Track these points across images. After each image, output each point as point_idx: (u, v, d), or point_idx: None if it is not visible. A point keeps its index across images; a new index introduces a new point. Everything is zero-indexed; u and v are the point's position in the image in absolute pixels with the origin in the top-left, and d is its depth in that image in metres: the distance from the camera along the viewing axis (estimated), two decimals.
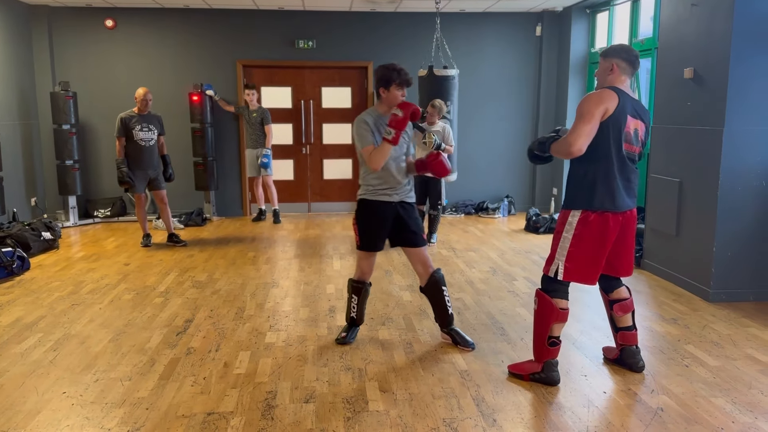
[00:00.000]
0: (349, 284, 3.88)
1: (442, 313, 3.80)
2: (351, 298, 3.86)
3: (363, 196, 3.68)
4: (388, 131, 3.44)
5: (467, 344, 3.76)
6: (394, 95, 3.53)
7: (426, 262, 3.75)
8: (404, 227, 3.68)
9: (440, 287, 3.77)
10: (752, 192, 4.60)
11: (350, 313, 3.87)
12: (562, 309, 3.20)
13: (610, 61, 3.18)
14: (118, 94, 7.98)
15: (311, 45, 8.36)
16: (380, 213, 3.64)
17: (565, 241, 3.16)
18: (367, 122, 3.54)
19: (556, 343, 3.24)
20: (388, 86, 3.52)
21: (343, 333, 3.87)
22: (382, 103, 3.59)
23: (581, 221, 3.13)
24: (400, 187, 3.65)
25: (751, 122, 4.53)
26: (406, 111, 3.43)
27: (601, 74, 3.24)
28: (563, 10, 8.33)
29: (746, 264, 4.65)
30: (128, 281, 5.26)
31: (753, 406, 3.03)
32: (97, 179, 8.37)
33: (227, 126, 8.40)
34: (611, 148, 3.09)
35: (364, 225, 3.69)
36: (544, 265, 3.27)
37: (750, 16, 4.43)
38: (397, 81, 3.50)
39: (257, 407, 3.00)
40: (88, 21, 8.08)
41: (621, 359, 3.48)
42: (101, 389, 3.19)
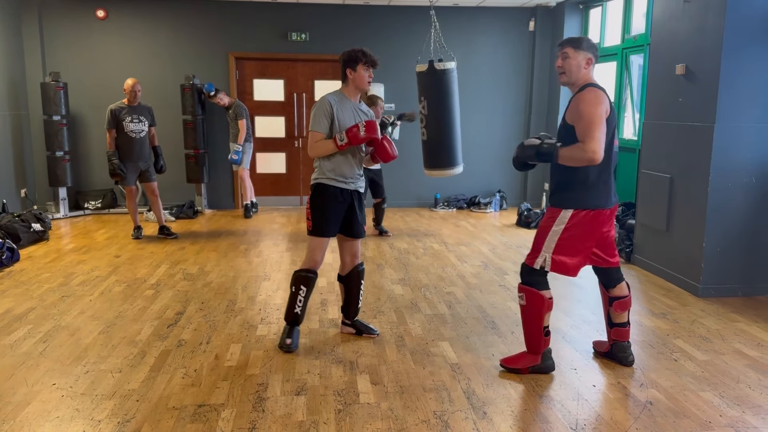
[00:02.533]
0: (296, 276, 3.64)
1: (353, 305, 3.84)
2: (298, 291, 3.62)
3: (320, 181, 3.59)
4: (341, 137, 3.42)
5: (371, 332, 3.84)
6: (361, 75, 3.53)
7: (356, 253, 3.78)
8: (353, 217, 3.67)
9: (360, 280, 3.80)
10: (742, 188, 4.63)
11: (294, 309, 3.63)
12: (550, 298, 3.24)
13: (585, 55, 3.16)
14: (109, 85, 7.92)
15: (304, 38, 8.33)
16: (338, 198, 3.59)
17: (554, 235, 3.17)
18: (327, 108, 3.49)
19: (548, 332, 3.30)
20: (355, 66, 3.52)
21: (288, 339, 3.62)
22: (349, 86, 3.58)
23: (573, 217, 3.13)
24: (356, 176, 3.64)
25: (741, 119, 4.56)
26: (369, 133, 3.42)
27: (575, 68, 3.16)
28: (556, 6, 8.34)
29: (735, 259, 4.69)
30: (119, 273, 5.23)
31: (740, 400, 3.06)
32: (87, 171, 8.32)
33: (219, 118, 8.35)
34: (609, 149, 3.10)
35: (321, 209, 3.58)
36: (527, 257, 3.28)
37: (742, 13, 4.45)
38: (364, 61, 3.52)
39: (248, 399, 3.00)
40: (79, 11, 8.01)
41: (611, 353, 3.51)
42: (91, 381, 3.18)
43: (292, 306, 3.65)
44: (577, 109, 3.07)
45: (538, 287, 3.22)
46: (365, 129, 3.43)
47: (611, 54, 7.35)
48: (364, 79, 3.56)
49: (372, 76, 3.61)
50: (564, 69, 3.19)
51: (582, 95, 3.09)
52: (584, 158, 2.99)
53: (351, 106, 3.58)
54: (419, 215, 8.25)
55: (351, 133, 3.42)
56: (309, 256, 3.65)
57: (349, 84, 3.59)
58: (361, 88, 3.59)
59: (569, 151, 3.06)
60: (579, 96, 3.11)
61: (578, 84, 3.18)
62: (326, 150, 3.49)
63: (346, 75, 3.58)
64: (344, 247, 3.78)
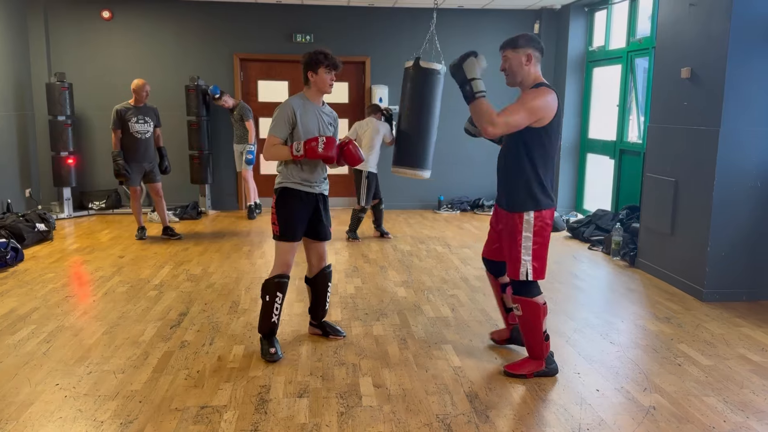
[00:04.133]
0: (270, 284, 3.51)
1: (320, 307, 3.83)
2: (274, 299, 3.49)
3: (285, 185, 3.54)
4: (297, 148, 3.38)
5: (338, 333, 3.84)
6: (323, 78, 3.49)
7: (323, 255, 3.77)
8: (319, 220, 3.65)
9: (327, 282, 3.79)
10: (747, 192, 4.61)
11: (271, 318, 3.50)
12: (544, 303, 3.25)
13: (524, 51, 3.13)
14: (114, 86, 7.95)
15: (309, 39, 8.34)
16: (304, 202, 3.57)
17: (527, 241, 3.15)
18: (289, 114, 3.45)
19: (548, 336, 3.31)
20: (317, 69, 3.48)
21: (272, 348, 3.49)
22: (311, 88, 3.54)
23: (537, 218, 3.14)
24: (321, 179, 3.62)
25: (747, 123, 4.55)
26: (326, 151, 3.38)
27: (515, 67, 3.15)
28: (561, 8, 8.33)
29: (740, 264, 4.67)
30: (122, 274, 5.24)
31: (744, 405, 3.04)
32: (92, 171, 8.34)
33: (223, 119, 8.37)
34: (555, 147, 3.16)
35: (288, 213, 3.52)
36: (509, 270, 3.24)
37: (748, 16, 4.44)
38: (326, 63, 3.47)
39: (251, 401, 3.00)
40: (85, 12, 8.03)
41: (512, 338, 3.63)
42: (94, 381, 3.18)
43: (269, 316, 3.51)
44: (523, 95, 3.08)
45: (530, 295, 3.21)
46: (324, 146, 3.38)
47: (616, 57, 7.33)
48: (326, 82, 3.51)
49: (334, 79, 3.56)
50: (507, 71, 3.22)
51: (535, 89, 3.08)
52: (483, 123, 2.99)
53: (314, 110, 3.54)
54: (423, 217, 8.24)
55: (308, 146, 3.37)
56: (280, 261, 3.54)
57: (311, 87, 3.54)
58: (323, 91, 3.55)
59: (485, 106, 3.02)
60: (530, 90, 3.10)
61: (527, 83, 3.18)
62: (280, 156, 3.47)
63: (308, 78, 3.52)
64: (311, 249, 3.75)
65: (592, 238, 6.56)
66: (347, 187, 8.86)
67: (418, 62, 5.50)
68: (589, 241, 6.57)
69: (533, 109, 3.01)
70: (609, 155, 7.47)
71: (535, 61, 3.16)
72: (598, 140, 7.89)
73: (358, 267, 5.57)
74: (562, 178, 8.40)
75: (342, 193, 8.90)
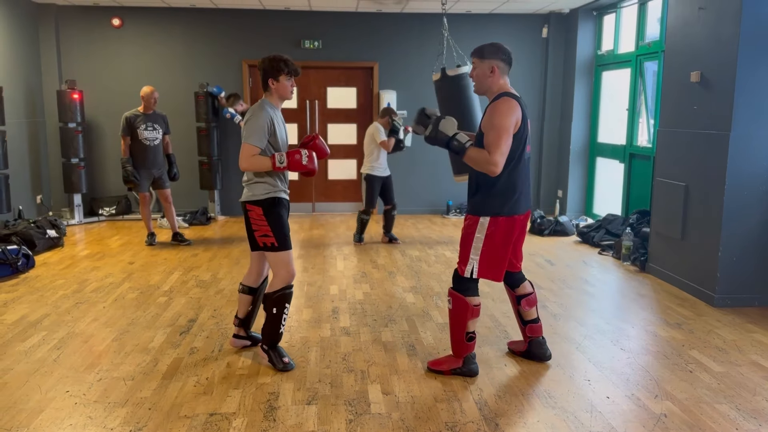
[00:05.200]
0: (278, 296, 3.43)
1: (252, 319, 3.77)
2: (282, 311, 3.44)
3: (272, 195, 3.42)
4: (281, 159, 3.30)
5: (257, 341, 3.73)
6: (284, 85, 3.42)
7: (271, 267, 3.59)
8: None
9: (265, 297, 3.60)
10: (758, 196, 4.57)
11: (279, 330, 3.46)
12: (476, 305, 3.31)
13: (489, 63, 3.18)
14: (124, 93, 8.00)
15: (317, 45, 8.36)
16: (286, 209, 3.53)
17: (478, 242, 3.24)
18: (268, 122, 3.35)
19: (473, 338, 3.36)
20: (278, 76, 3.41)
21: (285, 358, 3.47)
22: (273, 95, 3.45)
23: (492, 223, 3.22)
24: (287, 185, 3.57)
25: (758, 126, 4.51)
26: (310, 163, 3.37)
27: (480, 77, 3.22)
28: (570, 12, 8.31)
29: (751, 269, 4.63)
30: (132, 280, 5.27)
31: (757, 413, 3.01)
32: (102, 177, 8.40)
33: (232, 126, 8.39)
34: (518, 154, 3.18)
35: (281, 222, 3.45)
36: (458, 265, 3.33)
37: (757, 20, 4.41)
38: (286, 71, 3.41)
39: (259, 408, 3.00)
40: (95, 20, 8.10)
41: (529, 351, 3.61)
42: (104, 388, 3.20)
43: (277, 328, 3.46)
44: (489, 118, 3.12)
45: (465, 293, 3.29)
46: (307, 159, 3.36)
47: (625, 61, 7.31)
48: (287, 89, 3.43)
49: (294, 85, 3.51)
50: (474, 78, 3.28)
51: (495, 105, 3.14)
52: (486, 168, 3.09)
53: (280, 118, 3.50)
54: (431, 222, 8.23)
55: (292, 158, 3.31)
56: (285, 271, 3.45)
57: (272, 94, 3.45)
58: (285, 97, 3.49)
59: (476, 153, 3.12)
60: (492, 105, 3.16)
61: (492, 92, 3.23)
62: (260, 167, 3.33)
63: (269, 85, 3.44)
64: (260, 258, 3.68)
65: (602, 243, 6.53)
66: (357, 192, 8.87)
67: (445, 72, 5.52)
68: (600, 246, 6.54)
69: (507, 127, 3.08)
70: (619, 159, 7.44)
71: (500, 73, 3.21)
72: (608, 144, 7.86)
73: (366, 273, 5.57)
74: (571, 183, 8.37)
75: (351, 198, 8.91)
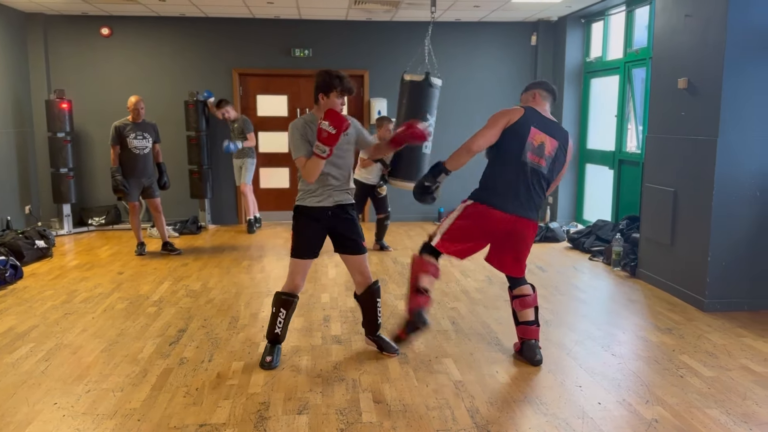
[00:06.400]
0: (277, 298, 3.62)
1: (371, 323, 3.84)
2: (278, 313, 3.59)
3: (297, 203, 3.60)
4: (321, 148, 3.29)
5: (391, 350, 3.79)
6: (334, 103, 3.44)
7: (363, 270, 3.71)
8: (343, 233, 3.62)
9: (375, 299, 3.77)
10: (746, 201, 4.61)
11: (275, 329, 3.60)
12: (429, 261, 3.52)
13: (531, 92, 3.67)
14: (113, 102, 7.95)
15: (307, 53, 8.37)
16: (315, 218, 3.55)
17: (449, 221, 3.54)
18: (301, 130, 3.42)
19: (423, 294, 3.48)
20: (328, 93, 3.42)
21: (268, 357, 3.59)
22: (320, 110, 3.47)
23: (468, 207, 3.51)
24: (338, 190, 3.56)
25: (745, 132, 4.55)
26: (339, 127, 3.26)
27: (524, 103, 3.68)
28: (558, 20, 8.37)
29: (741, 273, 4.66)
30: (122, 290, 5.23)
31: (747, 417, 3.02)
32: (91, 187, 8.35)
33: (222, 134, 8.37)
34: (513, 155, 3.44)
35: (299, 231, 3.58)
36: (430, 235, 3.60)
37: (743, 27, 4.45)
38: (339, 89, 3.42)
39: (250, 419, 2.98)
40: (84, 29, 8.08)
41: (521, 352, 3.68)
42: (93, 400, 3.16)
43: (273, 326, 3.63)
44: None
45: (422, 253, 3.54)
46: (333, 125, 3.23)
47: (614, 68, 7.36)
48: (336, 107, 3.44)
49: (344, 104, 3.53)
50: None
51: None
52: (464, 147, 3.48)
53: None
54: (423, 230, 8.23)
55: (322, 137, 3.26)
56: (289, 278, 3.62)
57: (321, 108, 3.47)
58: None
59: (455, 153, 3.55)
60: None
61: None
62: (317, 166, 3.36)
63: (318, 99, 3.47)
64: (348, 265, 3.75)
65: (592, 249, 6.55)
66: None
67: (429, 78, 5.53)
68: (590, 252, 6.56)
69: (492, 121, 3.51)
70: (608, 165, 7.47)
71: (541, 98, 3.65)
72: (597, 150, 7.90)
73: None
74: (561, 189, 8.39)
75: None
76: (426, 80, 5.70)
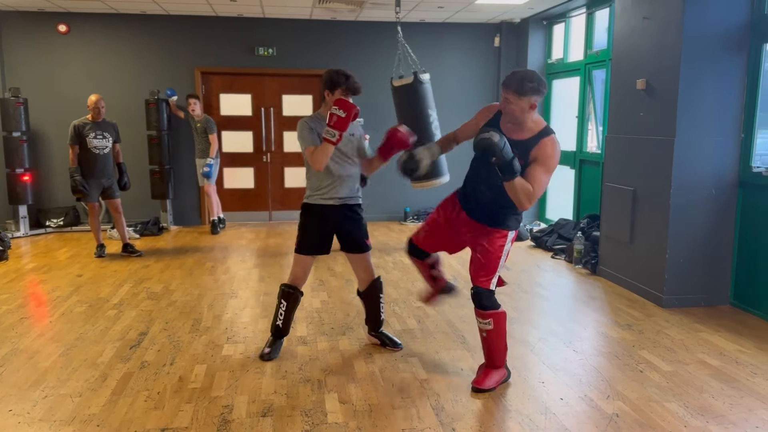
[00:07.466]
0: (280, 289, 3.73)
1: (374, 318, 3.88)
2: (280, 304, 3.70)
3: (304, 200, 3.66)
4: (331, 132, 3.27)
5: (396, 345, 3.85)
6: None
7: (368, 268, 3.78)
8: (349, 232, 3.66)
9: (378, 294, 3.84)
10: (702, 200, 4.73)
11: (276, 320, 3.71)
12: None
13: (527, 100, 3.01)
14: (71, 101, 7.76)
15: (271, 52, 8.30)
16: (321, 216, 3.60)
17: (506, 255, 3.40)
18: (309, 124, 3.48)
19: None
20: (334, 90, 3.44)
21: (267, 348, 3.70)
22: (327, 107, 3.48)
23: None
24: (344, 189, 3.59)
25: (700, 132, 4.67)
26: (348, 111, 3.25)
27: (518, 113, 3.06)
28: (521, 22, 8.47)
29: (697, 270, 4.78)
30: (80, 293, 5.10)
31: (704, 410, 3.10)
32: (49, 188, 8.13)
33: (184, 133, 8.26)
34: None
35: (303, 227, 3.65)
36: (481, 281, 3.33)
37: (698, 30, 4.57)
38: (344, 86, 3.43)
39: (212, 422, 2.93)
40: (41, 26, 7.86)
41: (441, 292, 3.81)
42: (50, 406, 3.08)
43: (275, 318, 3.72)
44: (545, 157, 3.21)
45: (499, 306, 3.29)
46: (342, 109, 3.22)
47: (575, 69, 7.48)
48: None
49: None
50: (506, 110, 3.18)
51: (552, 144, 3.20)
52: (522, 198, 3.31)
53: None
54: (389, 229, 8.24)
55: (332, 122, 3.25)
56: (292, 271, 3.72)
57: (327, 104, 3.48)
58: None
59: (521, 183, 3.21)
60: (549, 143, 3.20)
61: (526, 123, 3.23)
62: (326, 152, 3.35)
63: (324, 96, 3.49)
64: (353, 263, 3.80)
65: (554, 247, 6.65)
66: None
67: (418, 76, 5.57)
68: (552, 250, 6.66)
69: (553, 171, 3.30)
70: (569, 165, 7.60)
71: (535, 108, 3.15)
72: None
73: (323, 281, 5.53)
74: None
75: None
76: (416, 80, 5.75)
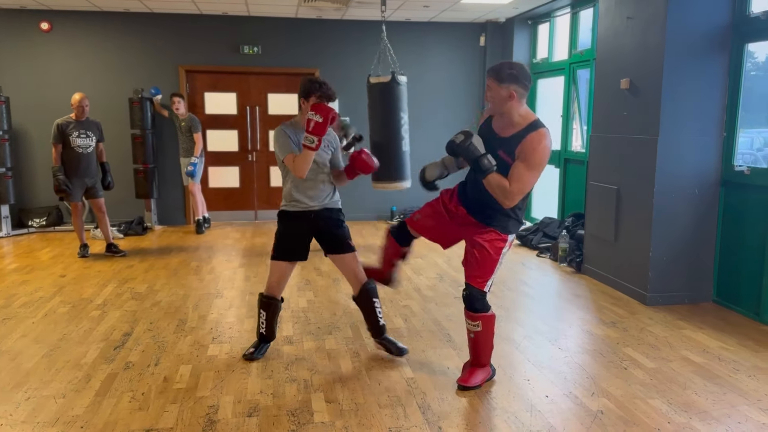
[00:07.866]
0: (259, 298, 3.73)
1: (372, 324, 3.77)
2: (259, 314, 3.71)
3: (280, 208, 3.64)
4: (310, 139, 3.28)
5: (401, 352, 3.76)
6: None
7: (356, 270, 3.68)
8: (329, 232, 3.62)
9: (371, 299, 3.70)
10: (686, 198, 4.78)
11: (260, 329, 3.72)
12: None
13: (507, 89, 3.00)
14: (54, 99, 7.68)
15: (256, 51, 8.27)
16: (297, 222, 3.58)
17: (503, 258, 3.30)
18: (286, 132, 3.47)
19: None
20: (308, 97, 3.47)
21: (251, 348, 3.73)
22: (303, 114, 3.49)
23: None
24: (320, 194, 3.57)
25: (684, 131, 4.72)
26: (326, 115, 3.28)
27: (497, 101, 3.07)
28: (506, 21, 8.51)
29: (681, 268, 4.83)
30: (64, 294, 5.05)
31: (688, 406, 3.13)
32: (31, 187, 8.03)
33: (168, 132, 8.19)
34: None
35: (278, 235, 3.63)
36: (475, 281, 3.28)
37: (682, 29, 4.62)
38: (318, 94, 3.45)
39: (198, 423, 2.92)
40: (22, 23, 7.76)
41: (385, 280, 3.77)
42: (33, 408, 3.04)
43: (258, 326, 3.75)
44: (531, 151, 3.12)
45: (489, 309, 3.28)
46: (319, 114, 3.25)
47: (559, 68, 7.53)
48: None
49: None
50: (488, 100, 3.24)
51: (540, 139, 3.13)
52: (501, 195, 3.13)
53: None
54: (376, 228, 8.24)
55: (309, 128, 3.26)
56: (269, 279, 3.71)
57: (303, 113, 3.49)
58: None
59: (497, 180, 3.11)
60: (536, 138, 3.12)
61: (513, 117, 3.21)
62: (306, 160, 3.33)
63: (300, 105, 3.52)
64: (340, 266, 3.73)
65: (540, 246, 6.69)
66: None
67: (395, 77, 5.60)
68: (537, 249, 6.69)
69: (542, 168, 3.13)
70: (554, 164, 7.64)
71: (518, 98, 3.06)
72: None
73: (310, 280, 5.52)
74: None
75: None
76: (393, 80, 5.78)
